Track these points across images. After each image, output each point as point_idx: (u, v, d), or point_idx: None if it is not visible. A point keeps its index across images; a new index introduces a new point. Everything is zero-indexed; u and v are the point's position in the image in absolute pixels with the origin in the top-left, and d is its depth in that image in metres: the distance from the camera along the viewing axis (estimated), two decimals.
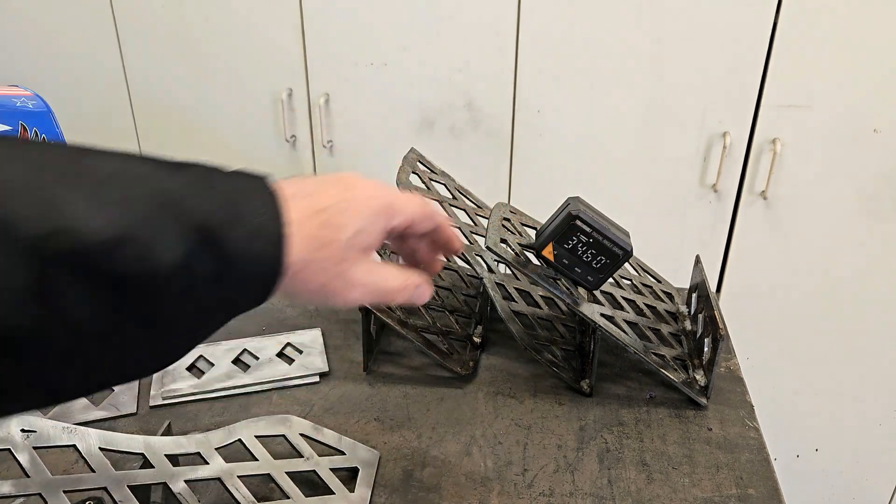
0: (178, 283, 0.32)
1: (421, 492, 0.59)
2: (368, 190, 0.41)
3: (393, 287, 0.44)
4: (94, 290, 0.30)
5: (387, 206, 0.42)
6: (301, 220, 0.37)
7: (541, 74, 1.25)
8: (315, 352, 0.76)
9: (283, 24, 1.31)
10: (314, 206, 0.38)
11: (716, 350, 0.66)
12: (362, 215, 0.40)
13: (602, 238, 0.60)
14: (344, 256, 0.40)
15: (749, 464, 0.63)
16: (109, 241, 0.30)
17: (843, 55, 1.14)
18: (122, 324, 0.32)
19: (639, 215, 1.32)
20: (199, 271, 0.33)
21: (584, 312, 0.66)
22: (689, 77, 1.21)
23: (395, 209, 0.43)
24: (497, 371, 0.74)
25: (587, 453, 0.64)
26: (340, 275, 0.40)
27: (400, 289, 0.44)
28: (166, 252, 0.32)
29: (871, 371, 1.38)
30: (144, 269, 0.31)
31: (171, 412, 0.68)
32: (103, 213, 0.31)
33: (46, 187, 0.30)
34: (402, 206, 0.43)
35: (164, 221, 0.32)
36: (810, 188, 1.25)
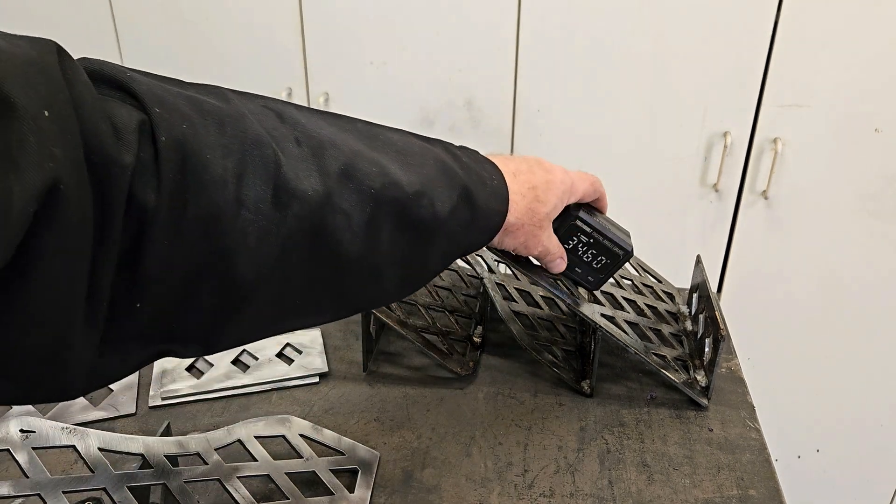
0: (447, 227, 0.45)
1: (421, 492, 0.59)
2: (559, 174, 0.55)
3: (552, 251, 0.57)
4: (399, 228, 0.42)
5: (570, 187, 0.56)
6: (521, 192, 0.51)
7: (541, 74, 1.25)
8: (314, 352, 0.75)
9: (283, 24, 1.31)
10: (529, 182, 0.52)
11: (717, 350, 0.66)
12: (557, 195, 0.54)
13: (602, 238, 0.60)
14: (541, 224, 0.54)
15: (750, 464, 0.62)
16: (415, 194, 0.42)
17: (843, 55, 1.14)
18: (406, 255, 0.43)
19: (639, 215, 1.31)
20: (459, 219, 0.45)
21: (584, 313, 0.66)
22: (689, 76, 1.20)
23: (574, 189, 0.57)
24: (497, 371, 0.74)
25: (588, 454, 0.63)
26: (535, 235, 0.54)
27: (553, 254, 0.58)
28: (445, 203, 0.44)
29: (872, 371, 1.38)
30: (431, 215, 0.43)
31: (170, 412, 0.68)
32: (408, 174, 0.42)
33: (374, 152, 0.42)
34: (577, 186, 0.57)
35: (442, 182, 0.44)
36: (811, 188, 1.24)
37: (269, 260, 0.37)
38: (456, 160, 0.47)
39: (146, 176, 0.33)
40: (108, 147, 0.31)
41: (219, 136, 0.35)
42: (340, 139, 0.41)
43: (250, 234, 0.36)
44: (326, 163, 0.39)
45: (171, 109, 0.34)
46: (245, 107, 0.38)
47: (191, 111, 0.35)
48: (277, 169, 0.37)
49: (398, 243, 0.42)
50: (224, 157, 0.35)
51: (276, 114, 0.40)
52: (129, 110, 0.33)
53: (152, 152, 0.33)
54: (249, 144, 0.36)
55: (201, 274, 0.35)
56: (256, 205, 0.36)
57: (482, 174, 0.48)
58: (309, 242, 0.38)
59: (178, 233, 0.34)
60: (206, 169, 0.34)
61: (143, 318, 0.35)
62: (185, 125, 0.34)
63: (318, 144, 0.39)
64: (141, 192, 0.32)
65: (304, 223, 0.38)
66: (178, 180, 0.33)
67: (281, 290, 0.39)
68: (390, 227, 0.42)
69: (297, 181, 0.37)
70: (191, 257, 0.35)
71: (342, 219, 0.39)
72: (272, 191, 0.36)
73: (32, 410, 0.68)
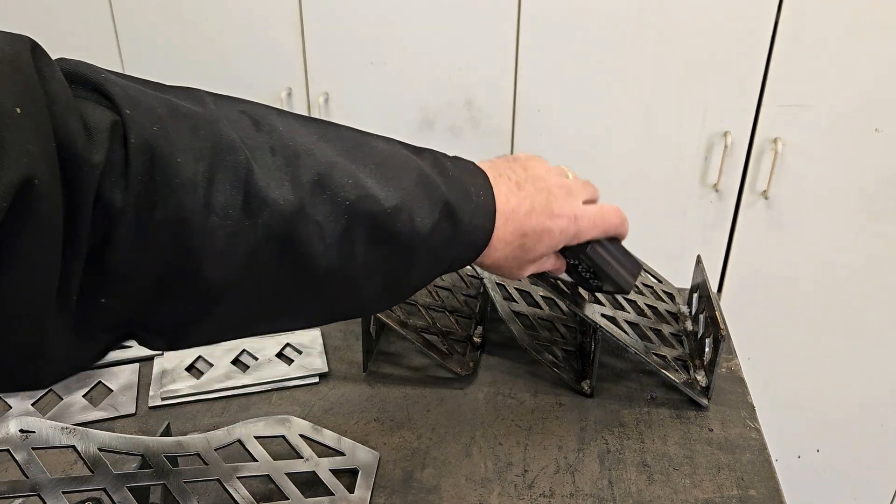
0: (427, 243, 0.43)
1: (421, 493, 0.59)
2: (562, 223, 0.50)
3: (547, 269, 0.55)
4: (376, 242, 0.41)
5: (575, 234, 0.52)
6: (505, 238, 0.48)
7: (541, 74, 1.25)
8: (314, 352, 0.75)
9: (283, 24, 1.31)
10: (519, 230, 0.48)
11: (717, 350, 0.66)
12: (551, 246, 0.51)
13: (603, 273, 0.58)
14: (525, 267, 0.52)
15: (750, 464, 0.62)
16: (393, 208, 0.41)
17: (844, 55, 1.14)
18: (384, 269, 0.43)
19: (640, 215, 1.31)
20: (440, 236, 0.44)
21: (584, 313, 0.66)
22: (690, 76, 1.20)
23: (580, 234, 0.52)
24: (497, 372, 0.74)
25: (588, 454, 0.63)
26: (519, 268, 0.52)
27: (549, 270, 0.56)
28: (425, 219, 0.43)
29: (872, 371, 1.38)
30: (410, 231, 0.42)
31: (170, 413, 0.68)
32: (387, 188, 0.42)
33: (348, 165, 0.41)
34: (585, 231, 0.52)
35: (423, 198, 0.43)
36: (811, 188, 1.24)
37: (238, 265, 0.37)
38: (442, 173, 0.45)
39: (114, 176, 0.33)
40: (79, 146, 0.32)
41: (191, 139, 0.36)
42: (318, 149, 0.41)
43: (218, 238, 0.36)
44: (300, 173, 0.39)
45: (143, 112, 0.35)
46: (221, 112, 0.39)
47: (164, 113, 0.35)
48: (249, 176, 0.37)
49: (375, 257, 0.42)
50: (195, 161, 0.35)
51: (253, 121, 0.40)
52: (102, 111, 0.34)
53: (122, 153, 0.33)
54: (221, 150, 0.36)
55: (169, 274, 0.36)
56: (226, 210, 0.36)
57: (468, 189, 0.46)
58: (280, 251, 0.38)
59: (146, 233, 0.34)
60: (175, 172, 0.35)
61: (111, 313, 0.36)
62: (156, 128, 0.35)
63: (293, 154, 0.39)
64: (109, 191, 0.33)
65: (274, 231, 0.38)
66: (146, 182, 0.34)
67: (251, 295, 0.39)
68: (366, 241, 0.41)
69: (269, 189, 0.37)
70: (158, 258, 0.35)
71: (315, 229, 0.39)
72: (243, 197, 0.37)
73: (32, 410, 0.68)
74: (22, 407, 0.68)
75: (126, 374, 0.73)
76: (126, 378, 0.72)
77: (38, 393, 0.70)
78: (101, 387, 0.71)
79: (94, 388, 0.71)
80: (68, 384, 0.71)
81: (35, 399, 0.69)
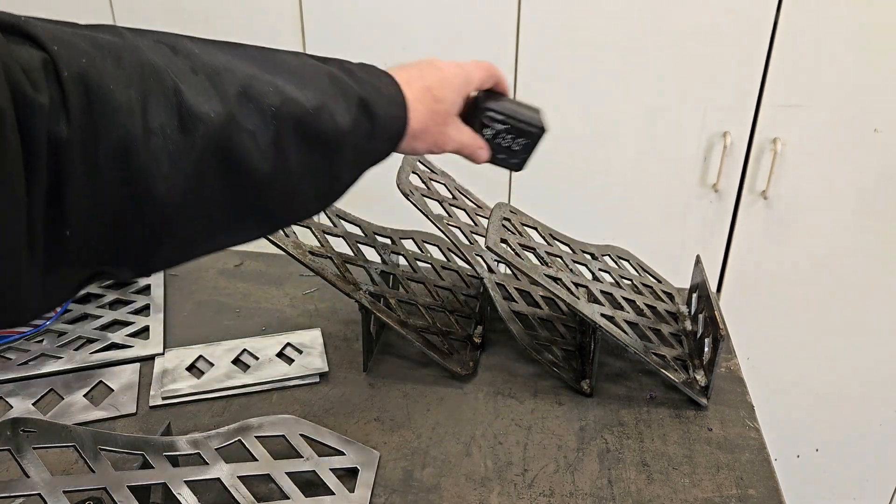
0: (350, 138, 0.47)
1: (421, 492, 0.59)
2: (451, 68, 0.56)
3: (467, 143, 0.58)
4: (305, 143, 0.44)
5: (466, 79, 0.57)
6: (418, 97, 0.52)
7: (541, 74, 1.25)
8: (315, 352, 0.76)
9: (283, 25, 1.31)
10: (424, 85, 0.53)
11: (716, 350, 0.66)
12: (453, 89, 0.55)
13: (516, 121, 0.62)
14: (445, 121, 0.55)
15: (749, 464, 0.62)
16: (313, 109, 0.44)
17: (843, 55, 1.14)
18: (317, 169, 0.46)
19: (639, 215, 1.32)
20: (361, 129, 0.47)
21: (584, 312, 0.66)
22: (689, 77, 1.20)
23: (469, 79, 0.58)
24: (497, 371, 0.74)
25: (587, 453, 0.64)
26: (443, 133, 0.55)
27: (470, 146, 0.59)
28: (343, 116, 0.46)
29: (871, 371, 1.38)
30: (334, 128, 0.45)
31: (170, 412, 0.68)
32: (304, 91, 0.45)
33: (268, 75, 0.44)
34: (473, 75, 0.58)
35: (339, 96, 0.46)
36: (811, 188, 1.24)
37: (185, 182, 0.40)
38: (350, 75, 0.49)
39: (56, 112, 0.35)
40: (27, 89, 0.33)
41: (117, 68, 0.37)
42: (235, 65, 0.43)
43: (163, 158, 0.38)
44: (224, 87, 0.41)
45: (68, 47, 0.36)
46: (139, 41, 0.41)
47: (88, 47, 0.37)
48: (178, 95, 0.39)
49: (307, 157, 0.45)
50: (126, 87, 0.37)
51: (170, 47, 0.42)
52: (30, 51, 0.35)
53: (58, 89, 0.35)
54: (147, 74, 0.39)
55: (123, 201, 0.38)
56: (164, 130, 0.38)
57: (378, 85, 0.50)
58: (220, 162, 0.41)
59: (95, 163, 0.36)
60: (110, 99, 0.36)
61: (75, 246, 0.38)
62: (84, 60, 0.36)
63: (214, 71, 0.42)
64: (54, 128, 0.35)
65: (211, 144, 0.40)
66: (86, 111, 0.36)
67: (203, 210, 0.42)
68: (296, 142, 0.44)
69: (199, 105, 0.40)
70: (111, 185, 0.37)
71: (248, 137, 0.41)
72: (177, 116, 0.39)
73: (33, 410, 0.68)
74: (23, 406, 0.68)
75: (127, 374, 0.73)
76: (127, 378, 0.72)
77: (39, 392, 0.70)
78: (102, 386, 0.71)
79: (95, 387, 0.71)
80: (69, 383, 0.71)
81: (36, 399, 0.69)
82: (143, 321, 0.80)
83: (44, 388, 0.71)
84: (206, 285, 0.88)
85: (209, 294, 0.87)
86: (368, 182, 0.56)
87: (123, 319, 0.81)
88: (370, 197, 1.41)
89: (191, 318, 0.82)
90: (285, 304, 0.85)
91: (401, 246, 0.81)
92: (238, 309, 0.84)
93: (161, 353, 0.75)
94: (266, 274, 0.91)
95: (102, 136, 0.36)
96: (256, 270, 0.92)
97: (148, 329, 0.79)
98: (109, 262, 0.41)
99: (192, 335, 0.79)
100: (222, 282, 0.89)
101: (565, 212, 1.32)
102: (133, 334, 0.78)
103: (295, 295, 0.87)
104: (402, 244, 0.81)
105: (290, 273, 0.91)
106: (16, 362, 0.73)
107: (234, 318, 0.82)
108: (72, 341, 0.77)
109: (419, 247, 0.82)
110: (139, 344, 0.77)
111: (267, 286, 0.88)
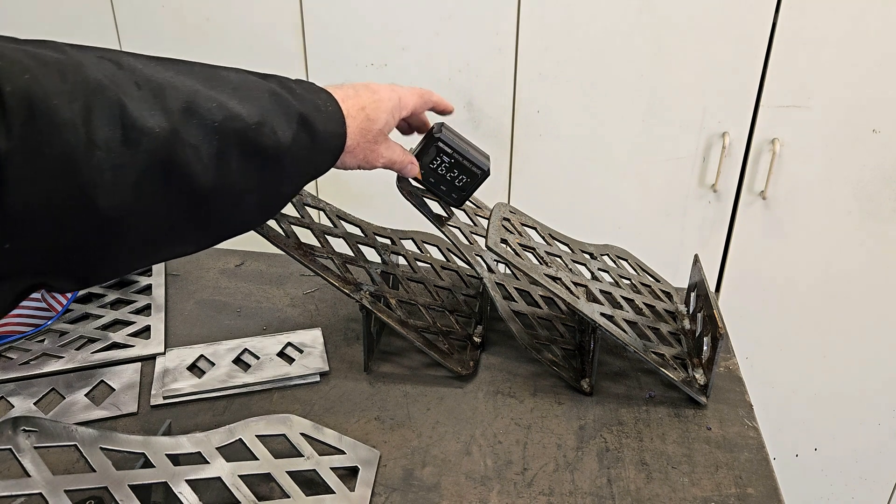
0: (291, 152, 0.48)
1: (421, 491, 0.60)
2: (385, 92, 0.60)
3: (397, 159, 0.62)
4: (247, 157, 0.46)
5: (398, 103, 0.61)
6: (353, 114, 0.55)
7: (541, 74, 1.25)
8: (315, 351, 0.76)
9: (283, 25, 1.31)
10: (359, 104, 0.56)
11: (715, 349, 0.66)
12: (386, 110, 0.59)
13: (462, 159, 0.67)
14: (376, 139, 0.58)
15: (748, 463, 0.63)
16: (255, 124, 0.46)
17: (842, 55, 1.15)
18: (259, 183, 0.47)
19: (638, 215, 1.32)
20: (301, 145, 0.49)
21: (583, 312, 0.66)
22: (688, 77, 1.21)
23: (403, 104, 0.62)
24: (497, 370, 0.74)
25: (587, 452, 0.64)
26: (373, 150, 0.59)
27: (400, 161, 0.63)
28: (284, 132, 0.48)
29: (869, 370, 1.39)
30: (275, 143, 0.47)
31: (171, 412, 0.68)
32: (247, 107, 0.46)
33: (211, 91, 0.45)
34: (406, 100, 0.62)
35: (280, 112, 0.48)
36: (809, 188, 1.25)
37: (128, 195, 0.40)
38: (290, 91, 0.50)
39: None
40: None
41: (61, 83, 0.38)
42: (178, 81, 0.44)
43: (106, 171, 0.39)
44: (168, 102, 0.42)
45: (11, 62, 0.37)
46: (82, 57, 0.41)
47: (30, 62, 0.38)
48: (122, 110, 0.40)
49: (249, 171, 0.46)
50: (70, 102, 0.38)
51: (114, 62, 0.43)
52: None
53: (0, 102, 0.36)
54: (91, 89, 0.39)
55: (65, 212, 0.38)
56: (107, 144, 0.39)
57: (317, 102, 0.52)
58: (164, 176, 0.42)
59: (35, 174, 0.37)
60: (54, 114, 0.37)
61: (16, 258, 0.38)
62: (27, 75, 0.37)
63: (158, 86, 0.43)
64: None
65: (155, 158, 0.41)
66: (28, 125, 0.36)
67: (146, 222, 0.43)
68: (239, 156, 0.45)
69: (143, 119, 0.41)
70: (52, 197, 0.38)
71: (192, 152, 0.42)
72: (121, 130, 0.40)
73: (34, 409, 0.68)
74: (24, 406, 0.68)
75: (128, 374, 0.73)
76: (128, 377, 0.72)
77: (40, 392, 0.70)
78: (104, 386, 0.71)
79: (97, 387, 0.71)
80: (70, 383, 0.71)
81: (37, 398, 0.69)
82: (144, 321, 0.81)
83: (45, 388, 0.71)
84: (207, 285, 0.89)
85: (210, 294, 0.87)
86: (368, 182, 0.57)
87: (125, 319, 0.81)
88: (370, 197, 1.41)
89: (192, 317, 0.82)
90: (286, 303, 0.85)
91: (401, 246, 0.81)
92: (239, 309, 0.84)
93: (162, 352, 0.76)
94: (267, 274, 0.91)
95: (45, 149, 0.37)
96: (257, 270, 0.92)
97: (149, 329, 0.79)
98: (51, 274, 0.41)
99: (193, 335, 0.79)
100: (223, 281, 0.89)
101: (565, 212, 1.32)
102: (134, 334, 0.79)
103: (296, 295, 0.87)
104: (402, 244, 0.81)
105: (290, 273, 0.91)
106: (17, 362, 0.74)
107: (234, 318, 0.82)
108: (73, 341, 0.77)
109: (419, 247, 0.83)
110: (140, 343, 0.77)
111: (268, 286, 0.89)
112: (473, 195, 0.75)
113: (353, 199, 1.38)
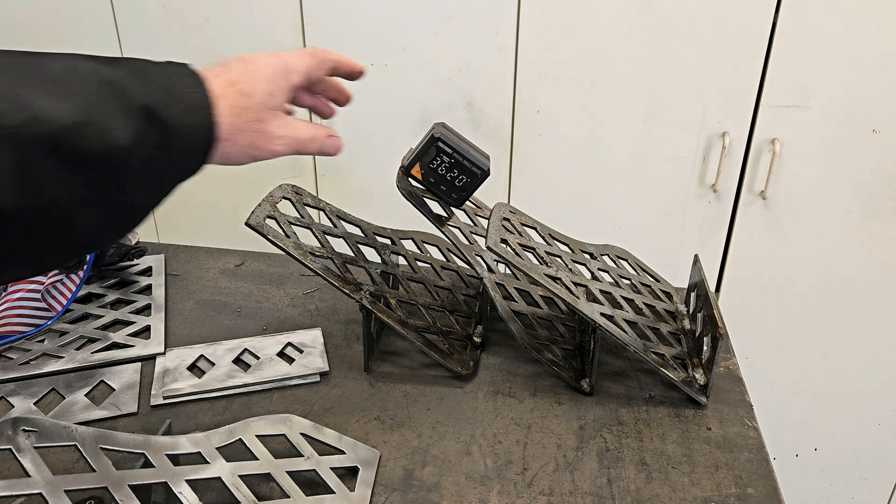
0: (133, 156, 0.39)
1: (421, 491, 0.60)
2: (264, 59, 0.49)
3: (306, 137, 0.51)
4: (68, 169, 0.37)
5: (283, 67, 0.50)
6: (221, 93, 0.45)
7: (541, 74, 1.25)
8: (315, 351, 0.76)
9: (283, 25, 1.31)
10: (228, 80, 0.46)
11: (715, 349, 0.66)
12: (266, 79, 0.48)
13: (462, 158, 0.67)
14: (260, 117, 0.47)
15: (748, 463, 0.63)
16: (73, 125, 0.37)
17: (842, 55, 1.15)
18: (92, 195, 0.39)
19: (638, 215, 1.32)
20: (148, 144, 0.40)
21: (584, 311, 0.66)
22: (688, 77, 1.21)
23: (290, 67, 0.50)
24: (497, 370, 0.74)
25: (587, 452, 0.64)
26: (261, 132, 0.47)
27: (311, 138, 0.51)
28: (120, 131, 0.38)
29: (870, 370, 1.39)
30: (105, 146, 0.38)
31: (171, 412, 0.68)
32: (64, 104, 0.37)
33: (11, 88, 0.36)
34: (294, 63, 0.51)
35: (112, 106, 0.39)
36: (809, 188, 1.25)
37: None
38: (139, 78, 0.41)
39: None
40: None
41: None
42: None
43: None
44: None
45: None
46: None
47: None
48: None
49: (72, 184, 0.37)
50: None
51: None
52: None
53: None
54: None
55: None
56: None
57: (173, 89, 0.42)
58: None
59: None
60: None
61: None
62: None
63: None
64: None
65: None
66: None
67: None
68: (52, 168, 0.36)
69: None
70: None
71: None
72: None
73: (34, 409, 0.68)
74: (24, 406, 0.68)
75: (128, 374, 0.73)
76: (128, 377, 0.72)
77: (40, 392, 0.70)
78: (104, 386, 0.72)
79: (97, 387, 0.71)
80: (70, 383, 0.71)
81: (37, 398, 0.69)
82: (144, 321, 0.81)
83: (45, 388, 0.71)
84: (207, 285, 0.89)
85: (210, 294, 0.87)
86: (368, 182, 0.56)
87: (125, 319, 0.81)
88: (370, 197, 1.41)
89: (192, 317, 0.82)
90: (286, 303, 0.85)
91: (401, 246, 0.81)
92: (239, 308, 0.84)
93: (162, 352, 0.76)
94: (267, 274, 0.91)
95: None
96: (257, 270, 0.92)
97: (149, 329, 0.79)
98: None
99: (193, 335, 0.79)
100: (223, 281, 0.89)
101: (565, 212, 1.32)
102: (134, 334, 0.79)
103: (296, 295, 0.87)
104: (402, 244, 0.81)
105: (290, 273, 0.91)
106: (17, 362, 0.74)
107: (234, 318, 0.82)
108: (73, 341, 0.77)
109: (419, 247, 0.83)
110: (140, 343, 0.77)
111: (268, 286, 0.89)
112: (473, 195, 0.76)
113: (353, 199, 1.38)
